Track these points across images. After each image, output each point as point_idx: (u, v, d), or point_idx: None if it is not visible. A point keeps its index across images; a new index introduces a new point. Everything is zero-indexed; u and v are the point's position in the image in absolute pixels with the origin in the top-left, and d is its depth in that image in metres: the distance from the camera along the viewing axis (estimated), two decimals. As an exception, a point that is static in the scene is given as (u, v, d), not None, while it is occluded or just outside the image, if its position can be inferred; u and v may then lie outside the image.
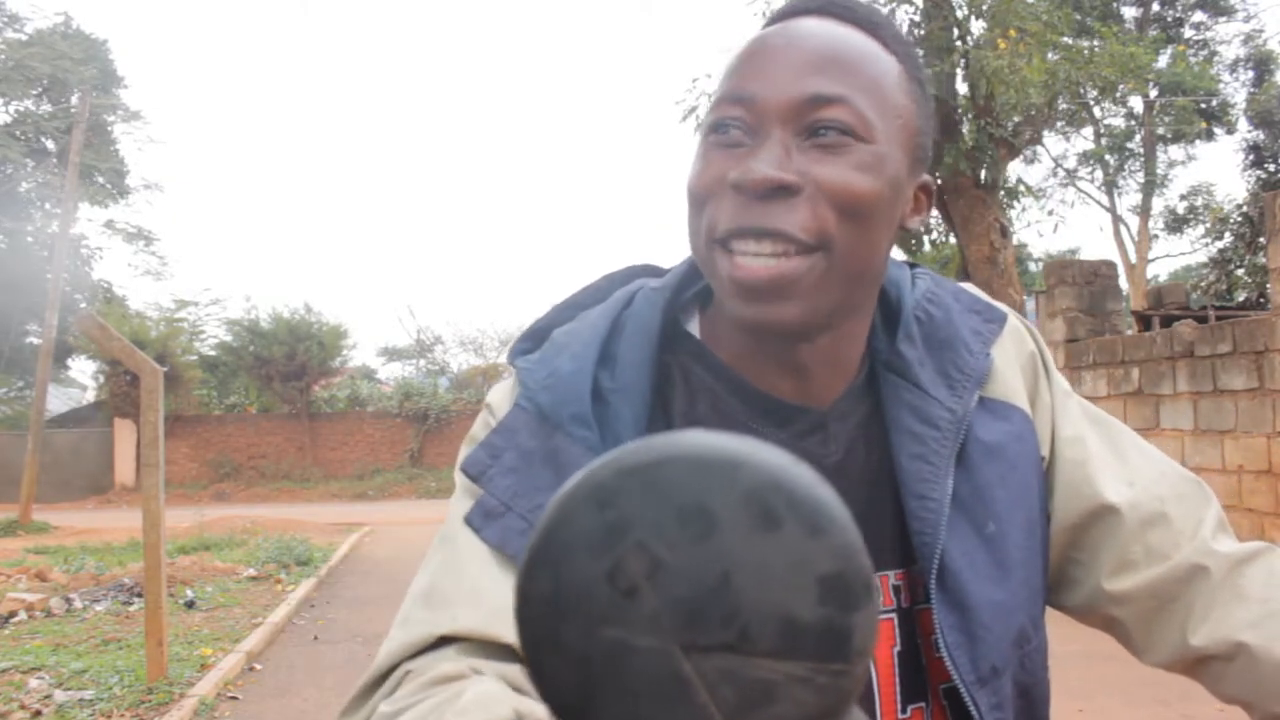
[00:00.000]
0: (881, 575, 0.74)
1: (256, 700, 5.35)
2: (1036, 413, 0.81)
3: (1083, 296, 9.21)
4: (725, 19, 39.78)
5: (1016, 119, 9.99)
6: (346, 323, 30.08)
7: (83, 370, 27.29)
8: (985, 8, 9.73)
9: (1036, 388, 0.82)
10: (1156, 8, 24.12)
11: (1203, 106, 22.63)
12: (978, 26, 10.03)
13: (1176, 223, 25.15)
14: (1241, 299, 14.63)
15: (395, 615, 0.71)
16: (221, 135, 73.03)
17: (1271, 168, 22.65)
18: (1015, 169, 13.13)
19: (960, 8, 9.94)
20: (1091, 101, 18.65)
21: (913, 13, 10.08)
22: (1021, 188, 11.55)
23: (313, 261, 69.49)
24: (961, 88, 10.07)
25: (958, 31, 9.92)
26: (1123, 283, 21.16)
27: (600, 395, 0.72)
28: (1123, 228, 24.60)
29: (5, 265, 22.84)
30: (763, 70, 0.68)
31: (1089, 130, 23.94)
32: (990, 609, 0.72)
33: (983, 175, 9.86)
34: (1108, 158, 24.50)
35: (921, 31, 9.94)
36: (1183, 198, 25.09)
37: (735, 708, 0.32)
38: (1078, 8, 18.12)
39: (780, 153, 0.66)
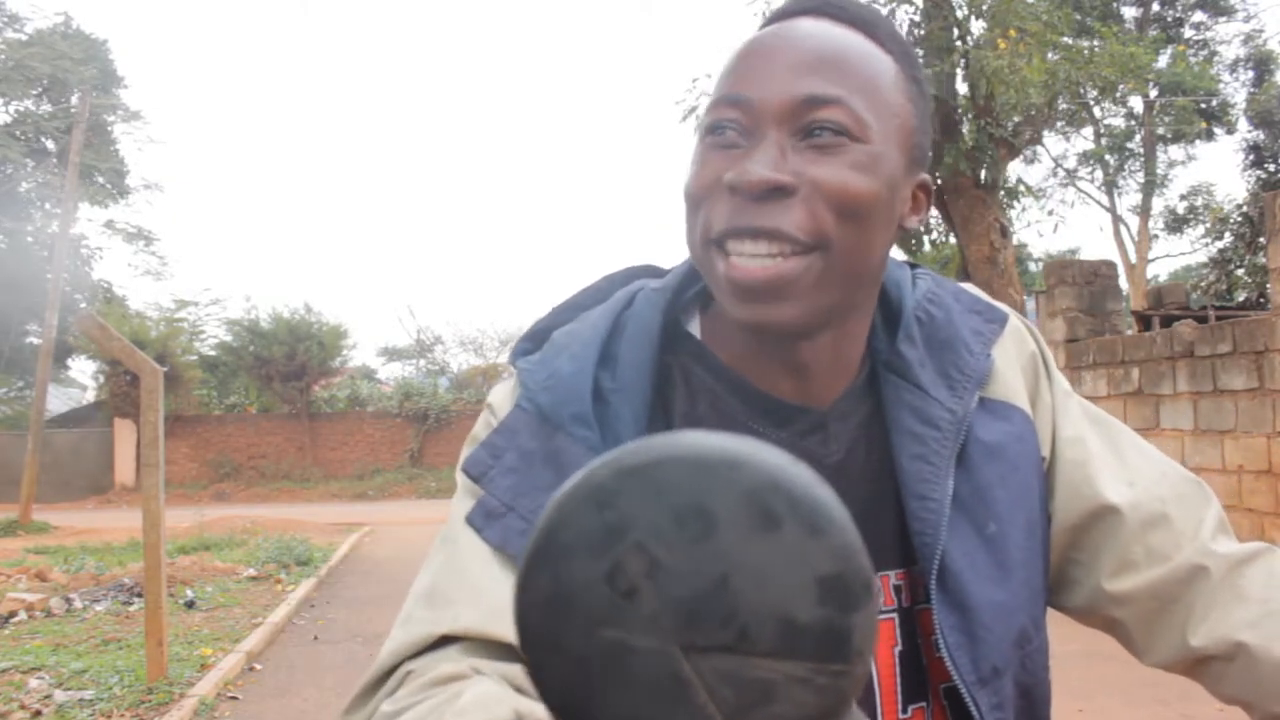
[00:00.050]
0: (882, 575, 0.75)
1: (256, 700, 5.35)
2: (1037, 413, 0.81)
3: (1083, 296, 9.21)
4: (725, 19, 39.84)
5: (1016, 119, 9.98)
6: (346, 323, 30.14)
7: (83, 370, 27.33)
8: (985, 8, 9.72)
9: (1037, 388, 0.82)
10: (1156, 8, 24.12)
11: (1203, 106, 22.63)
12: (978, 26, 10.03)
13: (1176, 223, 25.15)
14: (1241, 299, 14.63)
15: (395, 615, 0.71)
16: (221, 135, 73.10)
17: (1271, 168, 22.64)
18: (1015, 169, 13.14)
19: (960, 8, 9.94)
20: (1091, 101, 18.65)
21: (913, 13, 10.08)
22: (1021, 188, 11.55)
23: (313, 261, 69.57)
24: (961, 88, 10.07)
25: (958, 31, 9.92)
26: (1123, 283, 21.16)
27: (601, 396, 0.73)
28: (1123, 228, 24.61)
29: (5, 265, 22.83)
30: (758, 72, 0.68)
31: (1089, 130, 23.94)
32: (991, 609, 0.72)
33: (983, 175, 9.85)
34: (1108, 158, 24.50)
35: (921, 31, 9.94)
36: (1183, 198, 25.10)
37: (735, 708, 0.32)
38: (1078, 8, 18.12)
39: (776, 154, 0.66)
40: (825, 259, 0.67)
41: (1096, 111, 22.22)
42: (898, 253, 0.82)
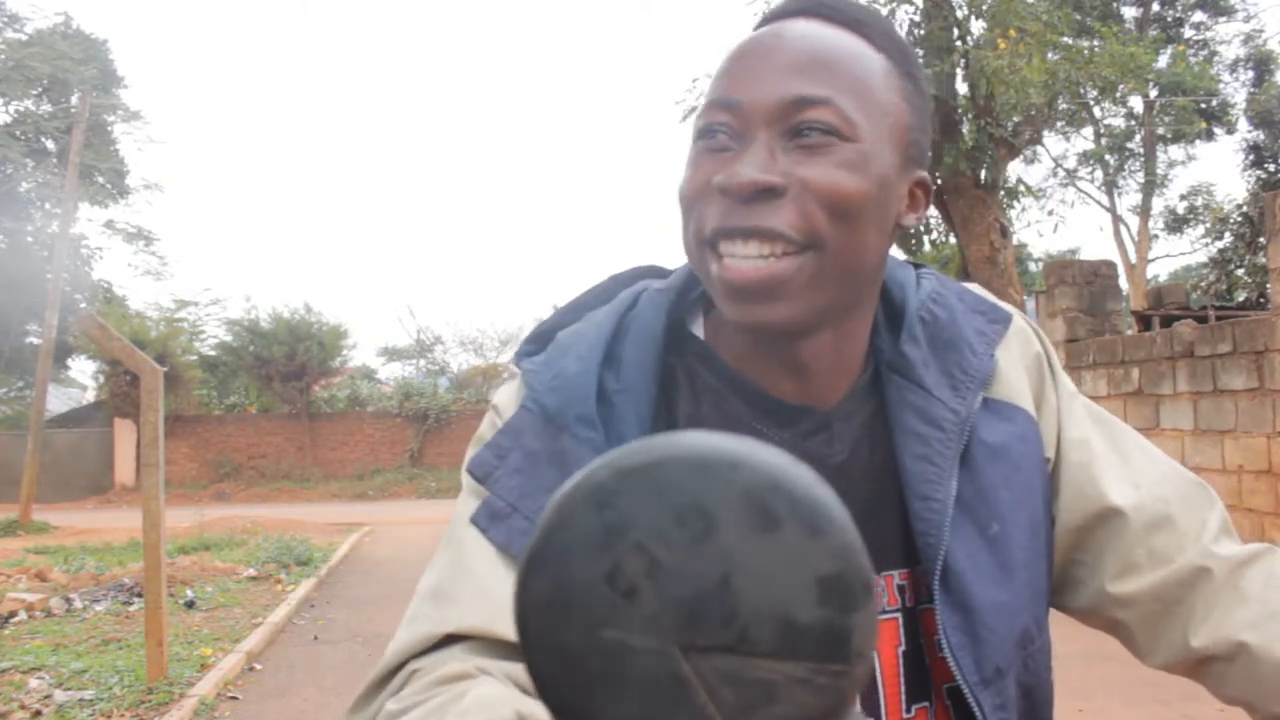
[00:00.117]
0: (886, 575, 0.75)
1: (256, 700, 5.35)
2: (1042, 414, 0.81)
3: (1083, 296, 9.22)
4: (725, 19, 39.84)
5: (1016, 119, 9.98)
6: (346, 323, 30.17)
7: (83, 370, 27.32)
8: (985, 8, 9.72)
9: (1042, 389, 0.82)
10: (1156, 8, 24.12)
11: (1203, 106, 22.63)
12: (978, 26, 10.04)
13: (1176, 223, 25.14)
14: (1241, 299, 14.64)
15: (395, 615, 0.71)
16: (221, 135, 73.13)
17: (1271, 168, 22.64)
18: (1015, 169, 13.14)
19: (960, 8, 9.94)
20: (1091, 101, 18.65)
21: (913, 13, 10.08)
22: (1021, 188, 11.55)
23: (313, 261, 69.59)
24: (961, 88, 10.07)
25: (958, 31, 9.92)
26: (1123, 283, 21.16)
27: (605, 396, 0.73)
28: (1123, 228, 24.61)
29: (5, 265, 22.83)
30: (747, 75, 0.69)
31: (1089, 130, 23.94)
32: (994, 610, 0.72)
33: (983, 175, 9.85)
34: (1108, 158, 24.50)
35: (921, 31, 9.94)
36: (1183, 198, 25.10)
37: (735, 708, 0.32)
38: (1078, 8, 18.12)
39: (765, 156, 0.66)
40: (818, 258, 0.67)
41: (1096, 111, 22.22)
42: (897, 252, 0.81)
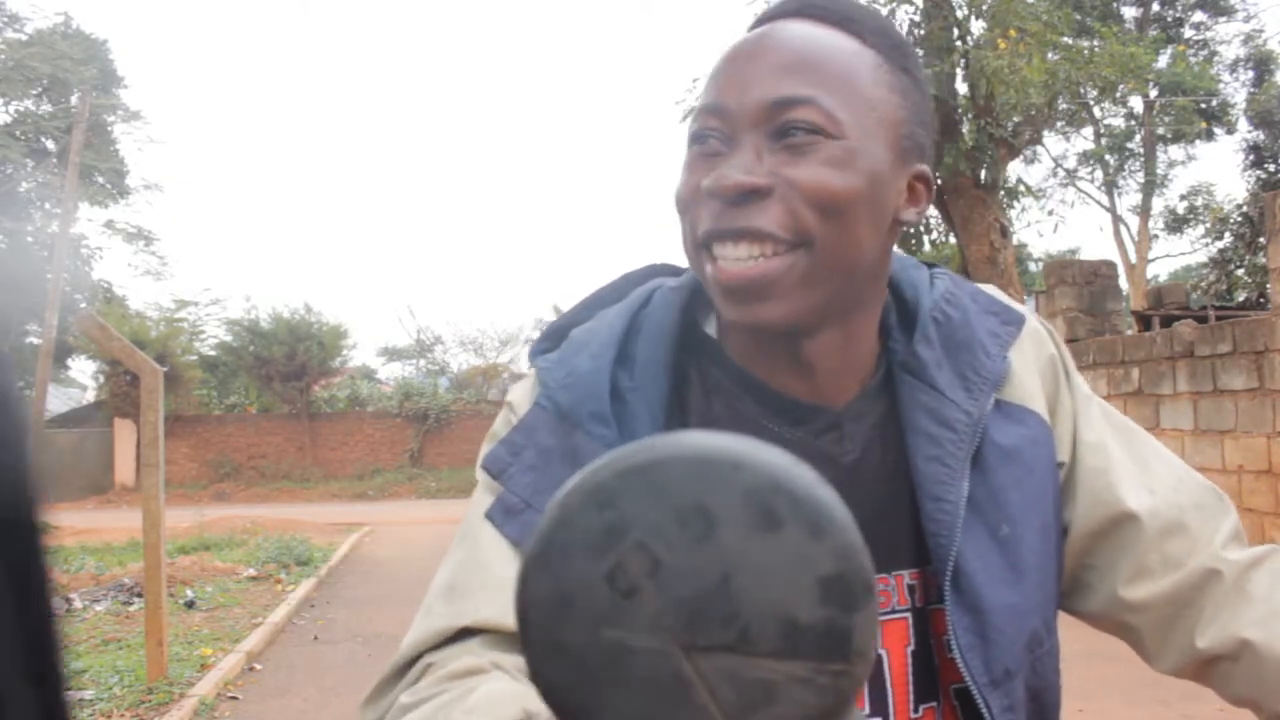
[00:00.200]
0: (897, 575, 0.75)
1: (256, 700, 5.35)
2: (1056, 417, 0.81)
3: (1083, 296, 9.22)
4: (725, 19, 39.84)
5: (1016, 119, 9.98)
6: (346, 323, 30.12)
7: (83, 370, 27.28)
8: (985, 8, 9.72)
9: (1056, 392, 0.82)
10: (1156, 8, 24.12)
11: (1203, 106, 22.63)
12: (978, 26, 10.03)
13: (1176, 223, 25.15)
14: (1241, 299, 14.65)
15: (395, 615, 0.72)
16: (221, 135, 73.11)
17: (1271, 168, 22.65)
18: (1015, 169, 13.14)
19: (960, 8, 9.94)
20: (1091, 101, 18.66)
21: (913, 13, 10.08)
22: (1021, 188, 11.55)
23: (313, 261, 69.57)
24: (961, 88, 10.07)
25: (958, 31, 9.92)
26: (1123, 283, 21.16)
27: (619, 394, 0.74)
28: (1123, 228, 24.61)
29: (5, 265, 22.84)
30: (734, 80, 0.70)
31: (1089, 130, 23.94)
32: (1004, 612, 0.72)
33: (983, 175, 9.85)
34: (1108, 158, 24.50)
35: (921, 31, 9.94)
36: (1183, 198, 25.10)
37: (736, 708, 0.32)
38: (1078, 8, 18.11)
39: (751, 158, 0.67)
40: (810, 256, 0.67)
41: (1096, 111, 22.23)
42: (896, 252, 0.81)
